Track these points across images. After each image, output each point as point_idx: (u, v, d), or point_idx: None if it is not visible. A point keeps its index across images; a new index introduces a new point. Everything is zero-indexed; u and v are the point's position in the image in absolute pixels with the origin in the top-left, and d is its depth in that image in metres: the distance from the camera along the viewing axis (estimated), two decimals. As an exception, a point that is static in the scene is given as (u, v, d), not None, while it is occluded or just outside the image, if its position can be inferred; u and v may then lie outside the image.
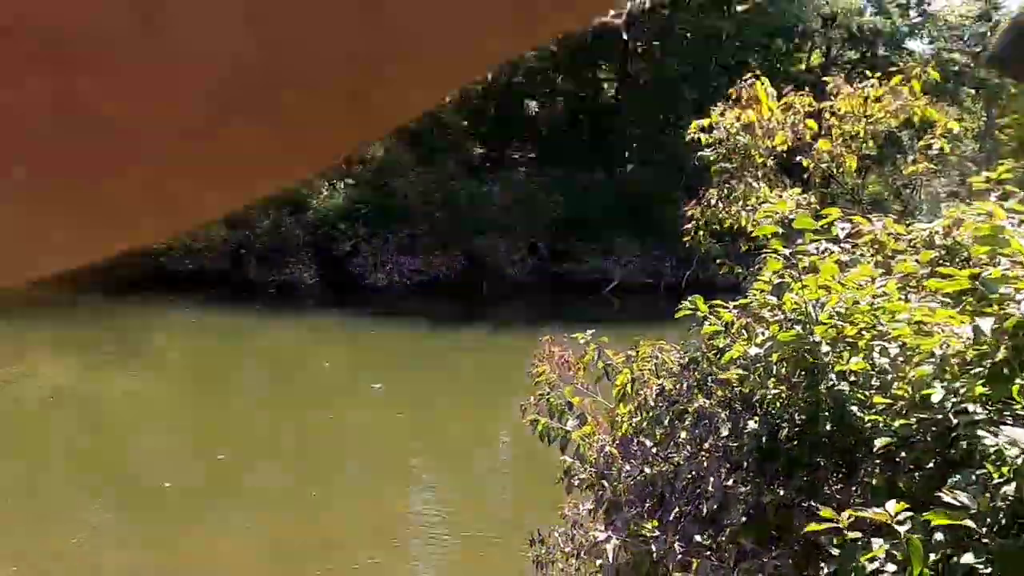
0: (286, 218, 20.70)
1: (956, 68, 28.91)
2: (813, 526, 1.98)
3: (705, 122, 4.18)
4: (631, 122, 27.44)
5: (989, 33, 30.13)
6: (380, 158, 22.60)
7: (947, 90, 28.46)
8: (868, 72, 4.37)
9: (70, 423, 10.56)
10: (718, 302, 3.23)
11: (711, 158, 4.25)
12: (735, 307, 3.10)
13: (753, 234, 3.05)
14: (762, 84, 3.99)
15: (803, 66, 32.23)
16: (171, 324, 17.09)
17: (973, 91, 29.05)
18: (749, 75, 4.16)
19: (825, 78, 4.49)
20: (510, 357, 12.96)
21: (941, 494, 1.85)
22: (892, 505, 1.84)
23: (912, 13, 30.93)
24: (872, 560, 1.78)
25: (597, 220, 24.63)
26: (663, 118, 28.05)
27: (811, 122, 4.06)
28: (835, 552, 2.00)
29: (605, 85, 33.00)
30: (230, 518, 7.71)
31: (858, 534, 1.94)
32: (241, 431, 10.49)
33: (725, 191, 4.08)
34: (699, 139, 4.18)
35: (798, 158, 4.23)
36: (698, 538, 2.90)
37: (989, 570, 1.82)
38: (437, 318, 19.48)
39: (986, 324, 1.93)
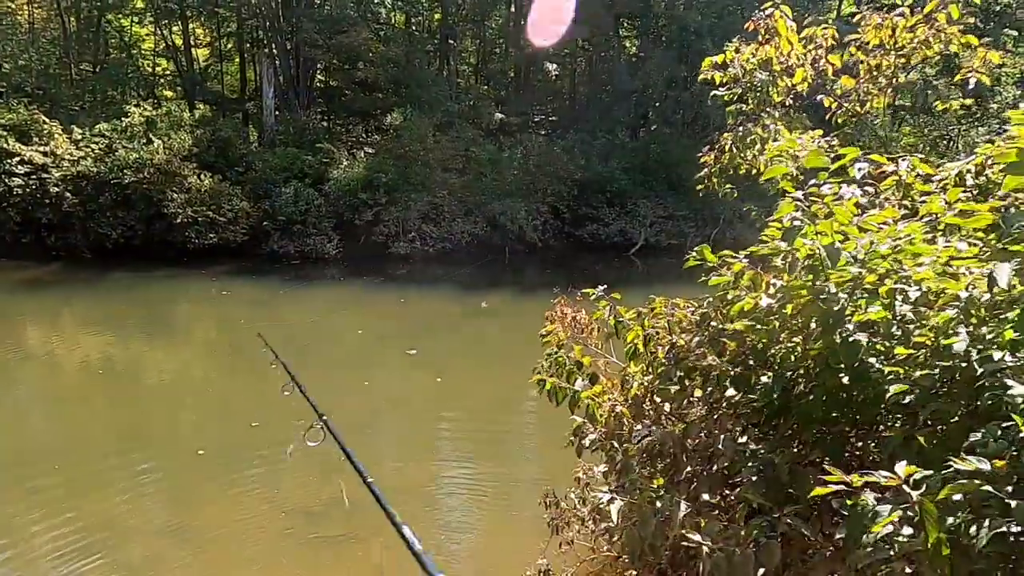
0: (307, 189, 20.71)
1: (999, 7, 27.45)
2: (819, 490, 1.82)
3: (719, 58, 3.92)
4: (652, 80, 26.68)
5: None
6: (399, 125, 22.38)
7: (989, 32, 27.08)
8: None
9: (108, 392, 10.79)
10: (727, 252, 3.04)
11: (725, 98, 4.00)
12: (745, 256, 2.91)
13: (764, 177, 2.84)
14: (782, 15, 3.71)
15: (833, 15, 30.95)
16: (197, 297, 17.31)
17: (1015, 33, 27.56)
18: (768, 4, 3.86)
19: (860, 10, 4.15)
20: (535, 320, 12.87)
21: (951, 460, 1.68)
22: (902, 467, 1.68)
23: (951, -48, 29.34)
24: (877, 522, 1.63)
25: (620, 182, 24.21)
26: (685, 76, 27.25)
27: (834, 56, 3.78)
28: (847, 512, 1.85)
29: (627, 43, 32.13)
30: (259, 482, 7.82)
31: (870, 497, 1.78)
32: (272, 399, 10.60)
33: (742, 133, 3.83)
34: (714, 79, 3.93)
35: (819, 97, 3.95)
36: (706, 496, 2.77)
37: (1017, 529, 1.66)
38: (461, 284, 19.44)
39: (1004, 269, 1.72)
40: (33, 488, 7.48)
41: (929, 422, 2.07)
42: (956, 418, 2.10)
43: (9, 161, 18.80)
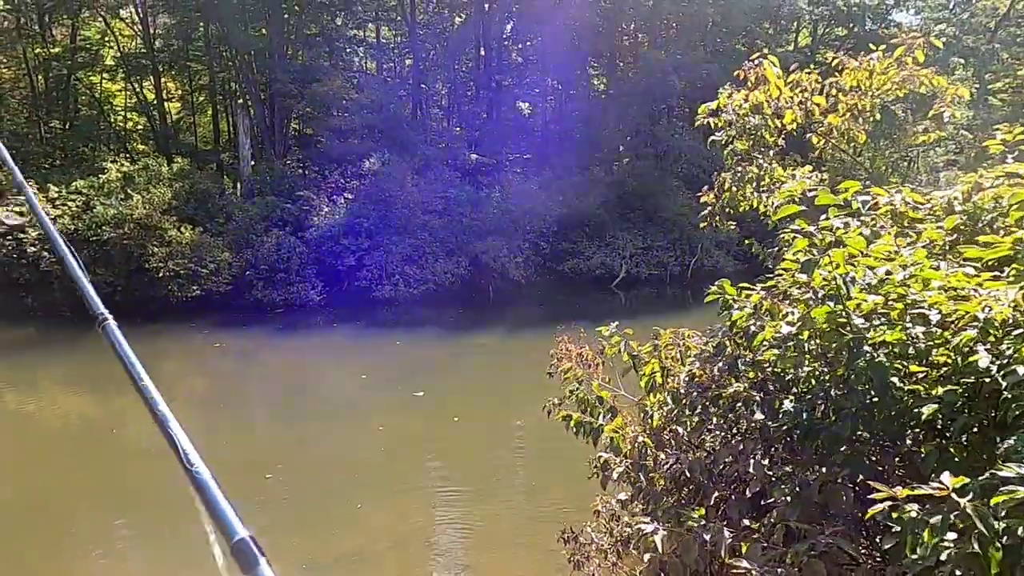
0: (288, 237, 20.74)
1: (944, 38, 28.85)
2: (874, 509, 1.96)
3: (714, 105, 4.18)
4: (623, 116, 27.43)
5: (975, 0, 30.09)
6: (377, 170, 22.62)
7: (936, 59, 28.43)
8: (870, 46, 4.34)
9: (86, 453, 10.57)
10: (744, 284, 3.22)
11: (722, 141, 4.25)
12: (763, 288, 3.09)
13: (776, 218, 3.04)
14: (771, 63, 3.99)
15: (791, 47, 32.25)
16: (183, 351, 17.11)
17: (962, 60, 28.97)
18: (756, 55, 4.15)
19: (814, 56, 4.46)
20: (523, 358, 13.01)
21: (994, 471, 1.83)
22: (947, 478, 1.83)
23: (897, -15, 30.89)
24: (934, 534, 1.77)
25: (597, 216, 24.66)
26: (653, 110, 28.06)
27: (819, 98, 4.05)
28: (894, 527, 1.99)
29: (595, 81, 33.06)
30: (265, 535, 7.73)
31: (915, 507, 1.92)
32: (262, 448, 10.52)
33: (739, 173, 4.07)
34: (709, 124, 4.17)
35: (808, 135, 4.22)
36: (746, 522, 2.89)
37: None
38: (446, 325, 19.50)
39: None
40: (9, 553, 7.30)
41: (957, 436, 2.22)
42: (979, 430, 2.27)
43: (-17, 223, 18.57)
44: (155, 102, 28.87)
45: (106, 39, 28.79)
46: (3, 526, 7.98)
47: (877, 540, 2.43)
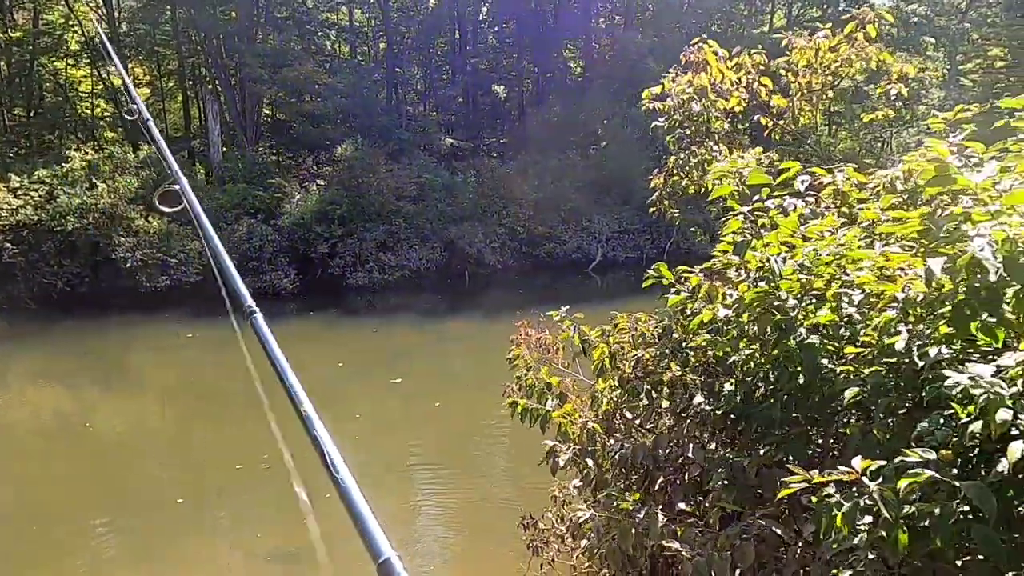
0: (260, 225, 20.46)
1: (916, 19, 29.00)
2: (785, 491, 1.94)
3: (657, 89, 4.12)
4: (599, 99, 27.31)
5: (947, -20, 30.22)
6: (351, 156, 22.34)
7: (908, 40, 28.57)
8: (830, 24, 4.30)
9: (59, 449, 10.39)
10: (683, 267, 3.18)
11: (665, 127, 4.20)
12: (701, 271, 3.06)
13: (711, 196, 3.00)
14: (710, 47, 3.93)
15: (766, 28, 32.25)
16: (154, 342, 16.85)
17: (933, 40, 29.14)
18: (696, 40, 4.10)
19: (785, 34, 4.42)
20: (500, 343, 12.97)
21: (904, 452, 1.81)
22: (858, 462, 1.81)
23: (869, -34, 30.93)
24: (845, 519, 1.75)
25: (574, 200, 24.60)
26: (630, 93, 27.95)
27: (765, 79, 4.01)
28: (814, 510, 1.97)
29: (572, 64, 32.85)
30: (231, 528, 7.65)
31: (831, 490, 1.90)
32: (237, 442, 10.41)
33: (684, 157, 4.03)
34: (655, 108, 4.12)
35: (756, 117, 4.19)
36: (682, 505, 2.87)
37: (966, 508, 1.80)
38: (422, 311, 19.40)
39: (936, 264, 1.89)
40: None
41: (881, 416, 2.21)
42: (904, 411, 2.25)
43: (-57, 214, 18.11)
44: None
45: (70, 23, 28.04)
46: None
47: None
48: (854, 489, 1.80)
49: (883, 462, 1.85)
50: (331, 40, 32.15)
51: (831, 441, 2.82)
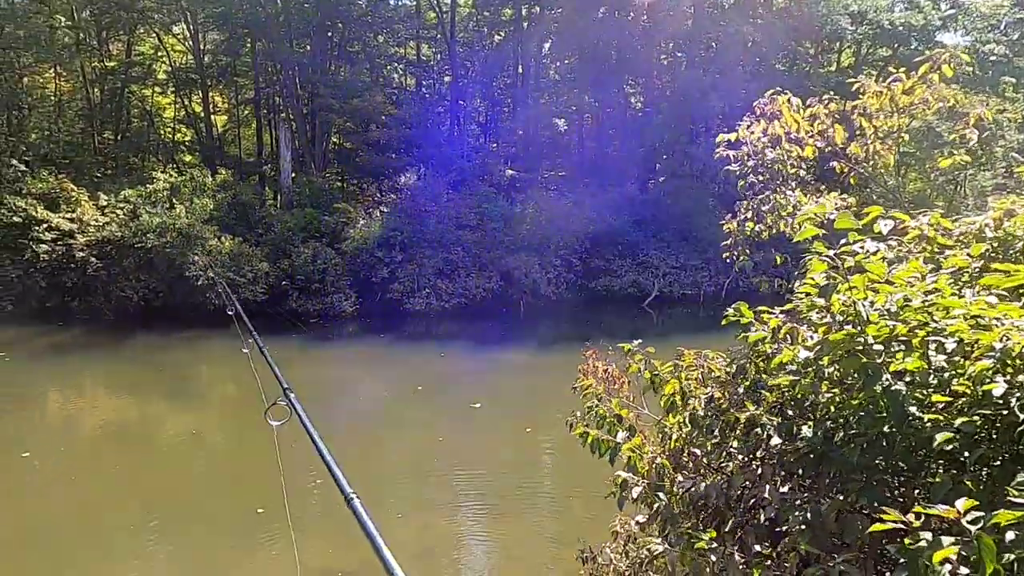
0: (324, 248, 21.14)
1: (994, 58, 28.13)
2: (877, 526, 1.93)
3: (732, 136, 4.16)
4: (659, 135, 27.36)
5: (1026, 20, 29.29)
6: (413, 185, 22.96)
7: (986, 80, 27.71)
8: (898, 69, 4.27)
9: (123, 457, 10.86)
10: (763, 308, 3.20)
11: (736, 171, 4.24)
12: (781, 312, 3.07)
13: (795, 239, 3.02)
14: (784, 99, 3.96)
15: (833, 67, 31.81)
16: (219, 357, 17.49)
17: (1013, 80, 28.18)
18: (770, 91, 4.13)
19: (858, 78, 4.42)
20: (552, 374, 13.00)
21: (1009, 491, 1.79)
22: (961, 502, 1.79)
23: (944, 6, 30.27)
24: (943, 562, 1.73)
25: (631, 234, 24.57)
26: (691, 129, 27.93)
27: (839, 127, 4.01)
28: (902, 556, 1.95)
29: (632, 99, 33.06)
30: (283, 545, 7.83)
31: (927, 534, 1.88)
32: (290, 460, 10.68)
33: (757, 202, 4.06)
34: (728, 155, 4.17)
35: (831, 163, 4.17)
36: (757, 547, 2.85)
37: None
38: (476, 339, 19.58)
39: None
40: (48, 557, 7.52)
41: (973, 467, 2.17)
42: (1000, 462, 2.21)
43: (37, 228, 19.39)
44: (202, 115, 29.85)
45: (159, 54, 29.92)
46: (53, 526, 8.24)
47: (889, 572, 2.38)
48: (951, 534, 1.79)
49: (981, 513, 1.83)
50: (399, 73, 33.31)
51: (915, 491, 2.76)
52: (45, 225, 19.48)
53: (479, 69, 32.27)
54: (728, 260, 4.31)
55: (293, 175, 25.75)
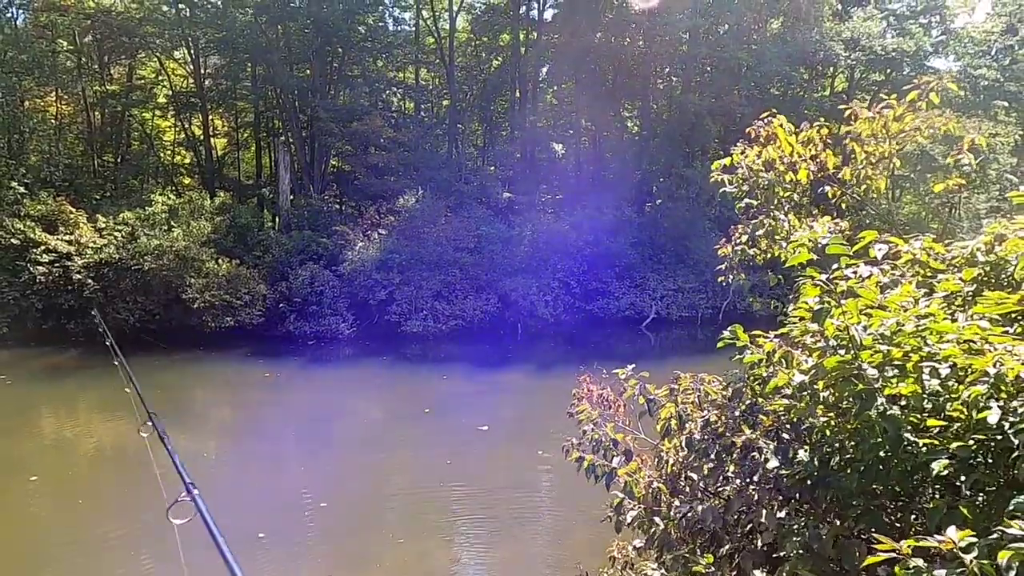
0: (322, 271, 21.16)
1: (986, 83, 28.51)
2: (871, 559, 1.92)
3: (727, 161, 4.21)
4: (656, 158, 27.59)
5: (1016, 47, 29.76)
6: (412, 207, 23.06)
7: (978, 104, 28.05)
8: (891, 94, 4.34)
9: (119, 481, 10.76)
10: (758, 332, 3.21)
11: (734, 194, 4.28)
12: (776, 336, 3.08)
13: (787, 263, 3.04)
14: (779, 122, 4.02)
15: (827, 92, 32.20)
16: (215, 380, 17.43)
17: (1006, 104, 28.53)
18: (765, 114, 4.19)
19: (851, 103, 4.48)
20: (550, 397, 12.96)
21: (1003, 527, 1.78)
22: (954, 531, 1.78)
23: (935, 32, 30.76)
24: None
25: (628, 256, 24.64)
26: (687, 152, 28.16)
27: (829, 153, 4.06)
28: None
29: (629, 123, 33.39)
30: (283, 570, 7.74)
31: (920, 562, 1.88)
32: (289, 477, 10.60)
33: (752, 227, 4.09)
34: (723, 180, 4.21)
35: (824, 188, 4.22)
36: (757, 573, 2.83)
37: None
38: (475, 361, 19.52)
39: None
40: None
41: (969, 492, 2.17)
42: (995, 487, 2.21)
43: (35, 250, 19.40)
44: (202, 138, 30.05)
45: (159, 78, 30.20)
46: (32, 557, 8.14)
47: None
48: (944, 561, 1.78)
49: (975, 538, 1.83)
50: (398, 97, 33.62)
51: (912, 515, 2.75)
52: (43, 247, 19.50)
53: (477, 93, 32.61)
54: (724, 284, 4.33)
55: (292, 197, 25.86)
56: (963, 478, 2.22)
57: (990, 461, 2.17)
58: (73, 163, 26.91)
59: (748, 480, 3.59)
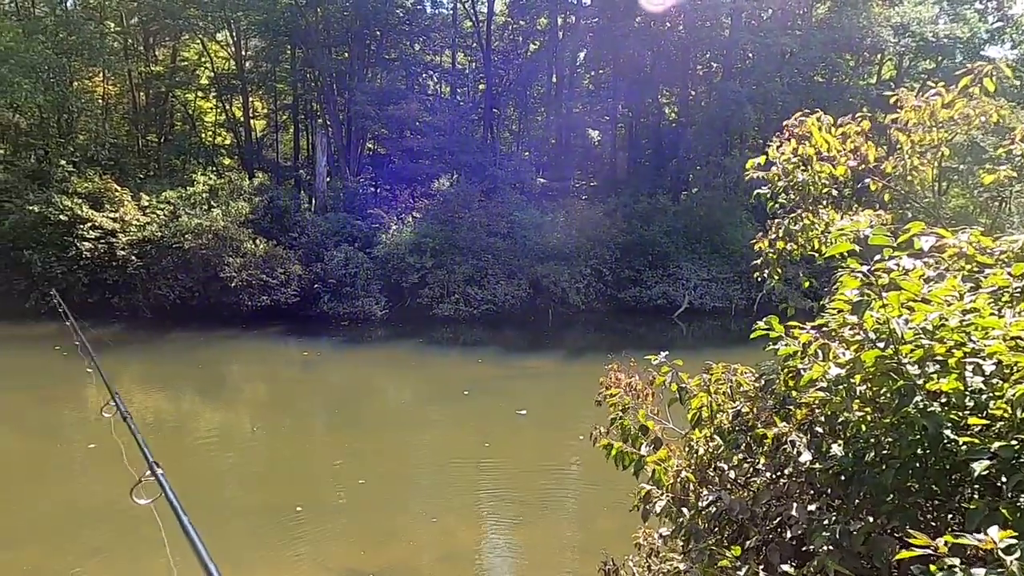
0: (357, 253, 21.41)
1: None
2: (905, 553, 1.88)
3: (762, 159, 4.11)
4: (693, 146, 27.14)
5: (1078, 34, 28.45)
6: (446, 191, 23.14)
7: (1030, 94, 26.91)
8: (941, 83, 4.16)
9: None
10: (794, 323, 3.14)
11: (767, 195, 4.17)
12: (812, 327, 3.01)
13: (827, 254, 2.96)
14: (815, 121, 3.89)
15: (874, 80, 31.22)
16: (251, 356, 17.81)
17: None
18: (798, 113, 4.05)
19: (896, 91, 4.32)
20: (579, 384, 12.96)
21: None
22: (995, 531, 1.74)
23: (991, 18, 29.53)
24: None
25: (662, 245, 24.38)
26: (726, 140, 27.65)
27: (871, 144, 3.92)
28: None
29: (667, 110, 32.89)
30: (310, 544, 7.92)
31: (956, 561, 1.83)
32: (318, 456, 10.82)
33: (789, 222, 3.99)
34: (758, 177, 4.10)
35: (865, 181, 4.08)
36: (784, 567, 2.80)
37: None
38: (505, 346, 19.59)
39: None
40: (84, 549, 7.71)
41: (1011, 494, 2.11)
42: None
43: (82, 226, 20.00)
44: (242, 119, 30.53)
45: (202, 60, 30.72)
46: (73, 523, 8.45)
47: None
48: (984, 562, 1.74)
49: (1017, 540, 1.78)
50: (434, 81, 33.65)
51: (949, 515, 2.69)
52: (89, 223, 20.09)
53: (513, 78, 32.44)
54: (759, 279, 4.24)
55: (328, 180, 26.14)
56: (1005, 479, 2.15)
57: (1034, 462, 2.10)
58: (119, 142, 27.61)
59: (779, 473, 3.55)
